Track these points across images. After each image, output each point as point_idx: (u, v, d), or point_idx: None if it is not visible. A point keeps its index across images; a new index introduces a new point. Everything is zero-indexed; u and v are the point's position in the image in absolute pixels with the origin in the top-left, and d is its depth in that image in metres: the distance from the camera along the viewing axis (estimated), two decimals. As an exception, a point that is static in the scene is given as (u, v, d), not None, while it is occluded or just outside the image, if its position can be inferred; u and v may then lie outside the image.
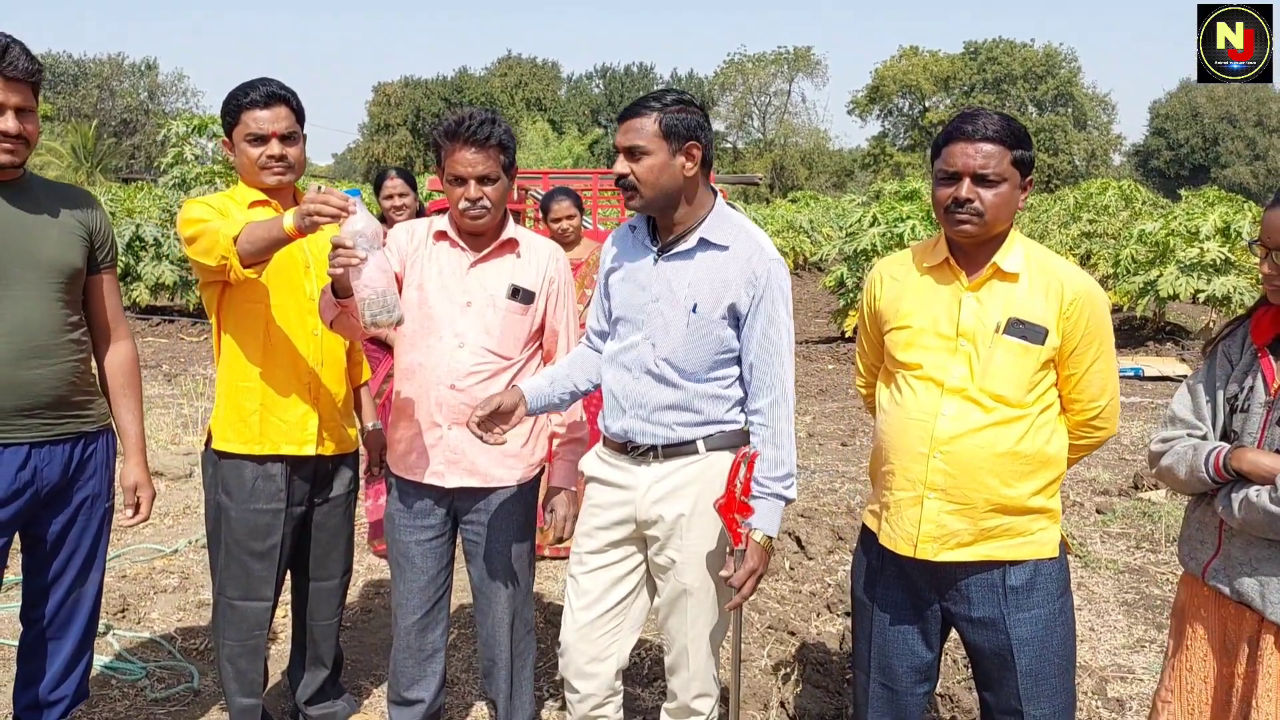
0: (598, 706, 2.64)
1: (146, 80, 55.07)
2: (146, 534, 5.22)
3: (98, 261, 2.63)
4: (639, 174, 2.37)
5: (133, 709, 3.39)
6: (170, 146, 15.88)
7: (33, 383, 2.43)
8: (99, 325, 2.67)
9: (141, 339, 12.65)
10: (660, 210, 2.44)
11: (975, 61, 54.80)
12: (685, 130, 2.37)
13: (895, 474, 2.34)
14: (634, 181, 2.38)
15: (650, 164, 2.36)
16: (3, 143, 2.36)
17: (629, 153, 2.38)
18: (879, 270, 2.50)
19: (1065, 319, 2.23)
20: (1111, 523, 5.58)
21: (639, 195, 2.40)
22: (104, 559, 2.71)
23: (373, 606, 4.32)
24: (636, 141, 2.36)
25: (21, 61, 2.34)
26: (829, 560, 4.96)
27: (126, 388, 2.73)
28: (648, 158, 2.36)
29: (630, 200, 2.42)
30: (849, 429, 8.17)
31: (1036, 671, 2.30)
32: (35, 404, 2.44)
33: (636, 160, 2.37)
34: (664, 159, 2.36)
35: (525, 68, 58.61)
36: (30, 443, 2.45)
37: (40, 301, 2.44)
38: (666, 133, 2.35)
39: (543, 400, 2.59)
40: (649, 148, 2.35)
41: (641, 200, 2.41)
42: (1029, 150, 2.24)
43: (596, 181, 11.38)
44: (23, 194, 2.47)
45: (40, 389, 2.44)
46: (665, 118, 2.35)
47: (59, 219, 2.52)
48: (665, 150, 2.36)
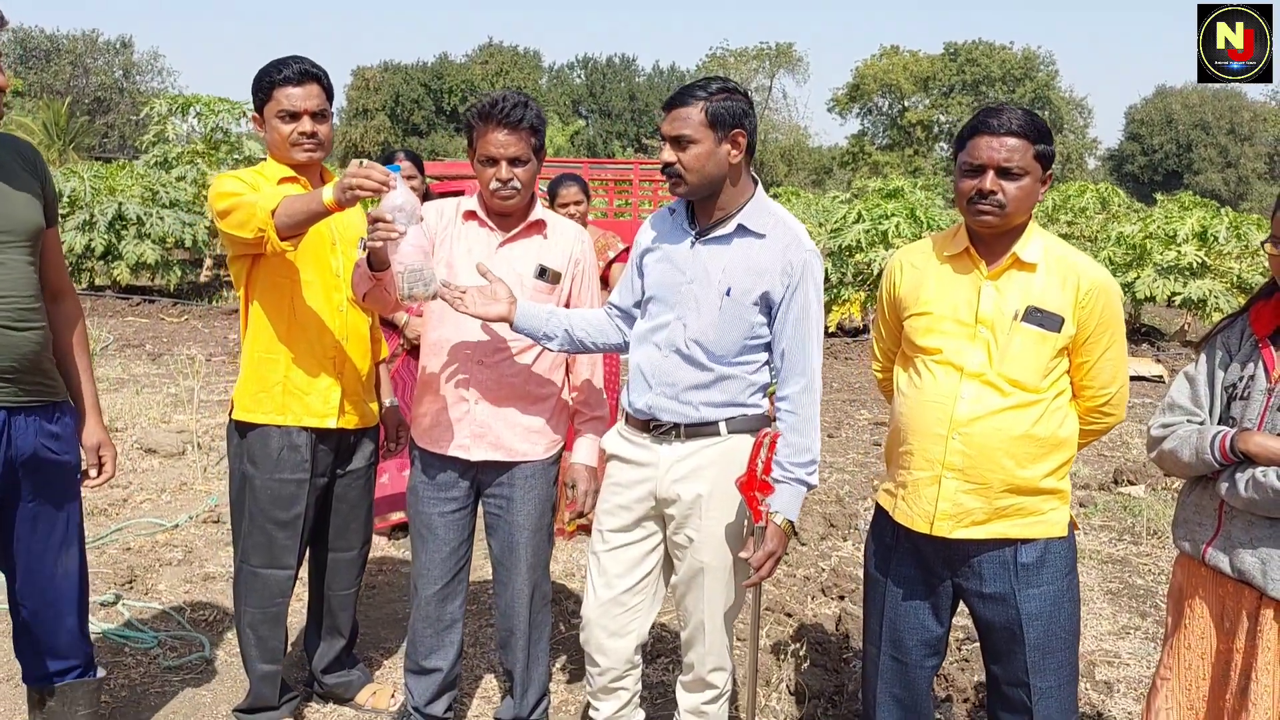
0: (617, 679, 2.72)
1: (121, 58, 54.29)
2: (145, 508, 5.24)
3: (48, 217, 2.53)
4: (685, 162, 2.42)
5: (147, 676, 3.43)
6: (152, 125, 15.78)
7: (18, 345, 2.38)
8: (50, 283, 2.57)
9: (122, 319, 12.56)
10: (704, 197, 2.50)
11: (955, 62, 55.14)
12: (731, 118, 2.42)
13: (914, 454, 2.42)
14: (680, 170, 2.43)
15: (696, 152, 2.41)
16: None
17: (675, 141, 2.42)
18: (899, 258, 2.59)
19: (1081, 308, 2.32)
20: (1093, 515, 5.72)
21: (684, 183, 2.45)
22: (83, 529, 2.68)
23: (376, 583, 4.37)
24: (683, 131, 2.40)
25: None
26: (821, 546, 5.06)
27: (80, 347, 2.67)
28: (694, 146, 2.41)
29: (675, 187, 2.46)
30: (834, 421, 8.28)
31: (1044, 645, 2.40)
32: (17, 367, 2.39)
33: (683, 149, 2.41)
34: (710, 147, 2.41)
35: (506, 56, 58.34)
36: (6, 408, 2.39)
37: (17, 264, 2.38)
38: (713, 121, 2.40)
39: (531, 322, 2.63)
40: (695, 136, 2.40)
41: (686, 187, 2.46)
42: (1051, 145, 2.33)
43: (586, 172, 11.42)
44: None
45: (24, 351, 2.39)
46: (711, 106, 2.40)
47: (20, 177, 2.44)
48: (711, 139, 2.41)
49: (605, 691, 2.74)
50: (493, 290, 2.58)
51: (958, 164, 2.40)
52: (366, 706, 3.24)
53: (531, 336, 2.66)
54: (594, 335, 2.72)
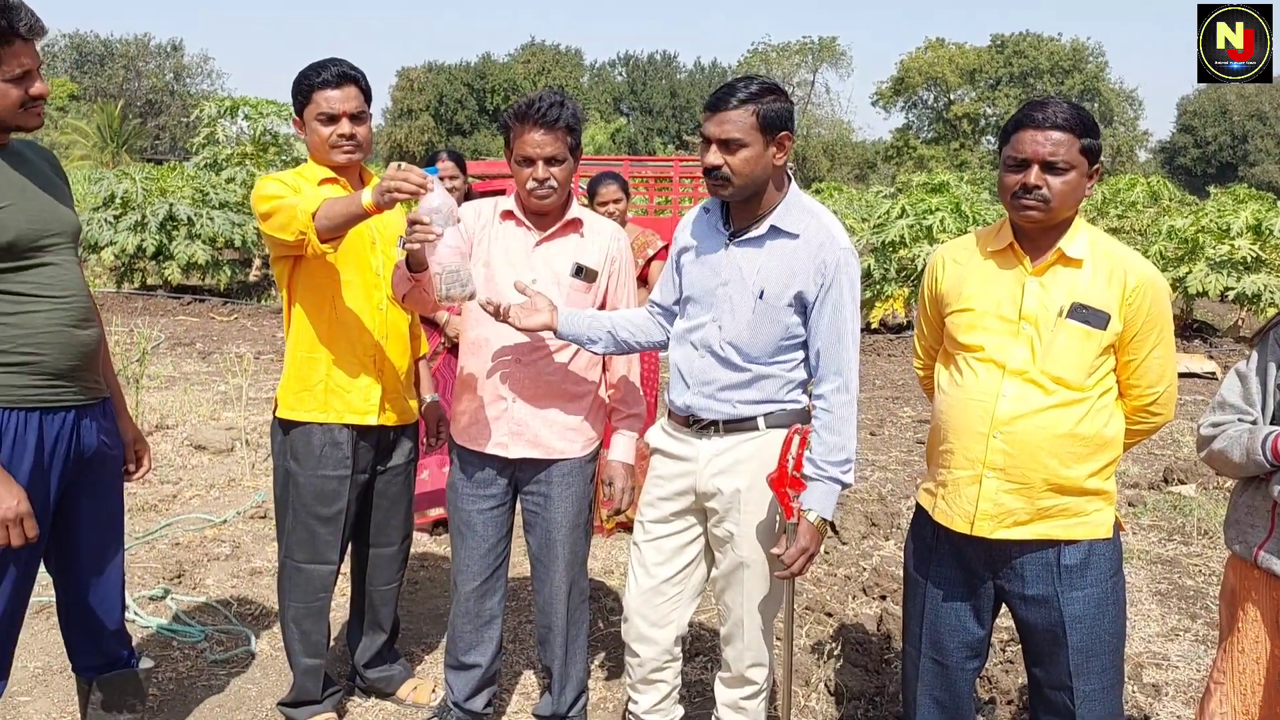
0: (656, 670, 2.73)
1: (172, 61, 55.36)
2: (194, 504, 5.33)
3: None
4: (734, 166, 2.40)
5: (194, 670, 3.49)
6: (202, 127, 16.04)
7: (84, 343, 2.43)
8: None
9: (173, 318, 12.79)
10: (746, 199, 2.48)
11: (1002, 55, 54.43)
12: (780, 121, 2.40)
13: (954, 453, 2.39)
14: (728, 174, 2.40)
15: (746, 156, 2.39)
16: (34, 107, 2.33)
17: (725, 145, 2.39)
18: (941, 254, 2.55)
19: (1128, 305, 2.28)
20: (1143, 515, 5.61)
21: (730, 186, 2.42)
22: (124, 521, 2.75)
23: (418, 578, 4.41)
24: (734, 134, 2.38)
25: (39, 21, 2.29)
26: (863, 545, 5.02)
27: (104, 344, 2.68)
28: (744, 150, 2.38)
29: (720, 190, 2.44)
30: (877, 419, 8.20)
31: (1087, 648, 2.36)
32: (83, 365, 2.44)
33: (732, 152, 2.39)
34: (759, 150, 2.39)
35: (548, 55, 58.59)
36: (75, 406, 2.45)
37: (71, 264, 2.44)
38: (764, 125, 2.38)
39: (575, 328, 2.64)
40: (747, 140, 2.38)
41: (732, 190, 2.43)
42: (1097, 139, 2.29)
43: (627, 169, 11.43)
44: (21, 158, 2.41)
45: (87, 350, 2.45)
46: (762, 109, 2.37)
47: (55, 181, 2.49)
48: (761, 142, 2.39)
49: (645, 683, 2.75)
50: (533, 303, 2.60)
51: (1002, 158, 2.36)
52: (408, 701, 3.28)
53: (576, 342, 2.68)
54: (638, 335, 2.72)
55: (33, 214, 2.34)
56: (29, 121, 2.34)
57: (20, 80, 2.27)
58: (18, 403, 2.33)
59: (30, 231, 2.33)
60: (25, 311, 2.33)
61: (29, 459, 2.35)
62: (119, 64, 53.20)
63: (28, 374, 2.34)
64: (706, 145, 2.43)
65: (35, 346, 2.34)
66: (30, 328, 2.33)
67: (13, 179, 2.34)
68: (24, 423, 2.34)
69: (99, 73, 52.74)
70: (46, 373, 2.37)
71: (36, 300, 2.34)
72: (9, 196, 2.31)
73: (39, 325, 2.34)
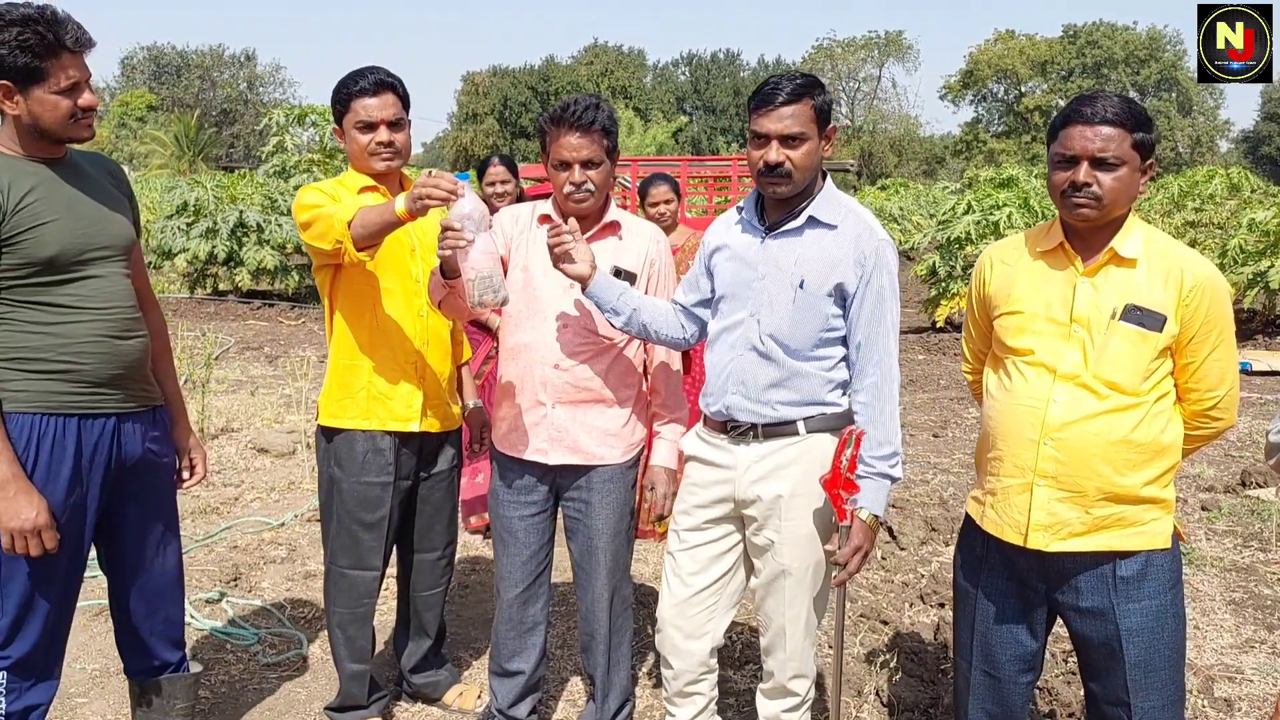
0: (692, 683, 2.68)
1: (246, 71, 56.74)
2: (254, 507, 5.43)
3: (135, 230, 2.63)
4: (797, 161, 2.38)
5: (246, 673, 3.54)
6: (271, 136, 16.40)
7: (126, 353, 2.47)
8: (138, 294, 2.63)
9: (243, 322, 13.10)
10: (794, 195, 2.45)
11: (1074, 45, 53.07)
12: (829, 114, 2.42)
13: (1003, 460, 2.31)
14: (790, 169, 2.38)
15: (808, 149, 2.38)
16: (84, 119, 2.37)
17: (787, 140, 2.37)
18: (989, 255, 2.47)
19: (1185, 306, 2.17)
20: (1217, 520, 5.40)
21: (791, 182, 2.41)
22: (179, 528, 2.78)
23: (469, 582, 4.43)
24: (796, 129, 2.36)
25: (85, 34, 2.34)
26: (921, 551, 4.91)
27: (165, 353, 2.76)
28: (806, 144, 2.38)
29: (779, 186, 2.41)
30: (940, 420, 8.04)
31: (1145, 663, 2.26)
32: (125, 375, 2.48)
33: (795, 147, 2.37)
34: (816, 144, 2.40)
35: (611, 56, 58.73)
36: (116, 414, 2.49)
37: (119, 278, 2.47)
38: (819, 117, 2.38)
39: (604, 293, 2.61)
40: (808, 134, 2.37)
41: (792, 186, 2.42)
42: (1150, 133, 2.19)
43: (685, 169, 11.37)
44: (75, 170, 2.46)
45: (130, 360, 2.49)
46: (818, 102, 2.38)
47: (111, 193, 2.53)
48: (817, 136, 2.39)
49: (681, 695, 2.71)
50: (578, 250, 2.56)
51: (1050, 155, 2.28)
52: (453, 707, 3.28)
53: (600, 306, 2.64)
54: (658, 324, 2.69)
55: (79, 229, 2.39)
56: (80, 133, 2.39)
57: (69, 92, 2.32)
58: (57, 409, 2.38)
59: (74, 246, 2.37)
60: (67, 322, 2.38)
61: (68, 465, 2.40)
62: (195, 75, 54.71)
63: (67, 382, 2.39)
64: (763, 142, 2.39)
65: (75, 356, 2.39)
66: (70, 338, 2.38)
67: (63, 194, 2.39)
68: (63, 429, 2.39)
69: (176, 83, 54.29)
70: (86, 381, 2.41)
71: (79, 312, 2.39)
72: (56, 211, 2.35)
73: (80, 336, 2.39)
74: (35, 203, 2.32)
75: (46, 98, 2.29)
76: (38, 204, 2.32)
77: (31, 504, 2.29)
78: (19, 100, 2.29)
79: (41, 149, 2.38)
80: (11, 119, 2.33)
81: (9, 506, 2.27)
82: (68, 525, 2.41)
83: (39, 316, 2.36)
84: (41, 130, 2.33)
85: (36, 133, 2.34)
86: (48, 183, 2.37)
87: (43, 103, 2.29)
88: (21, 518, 2.27)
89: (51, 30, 2.25)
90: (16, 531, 2.28)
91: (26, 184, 2.32)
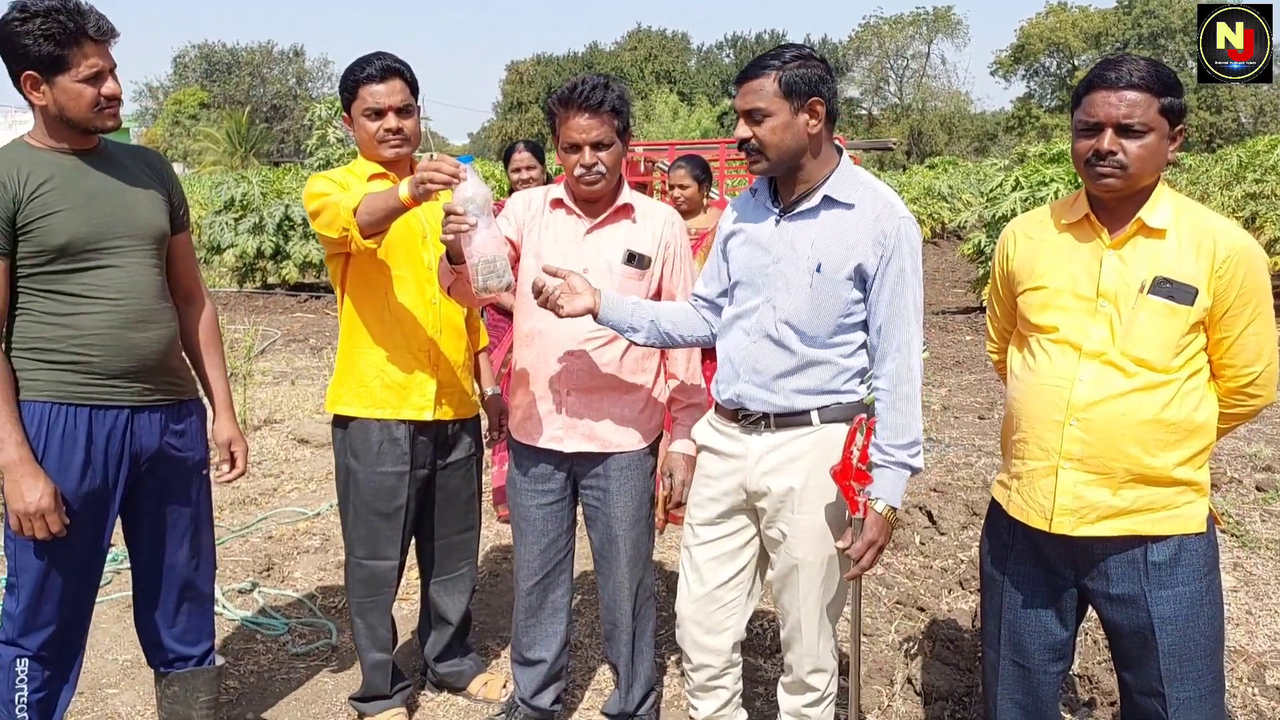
0: (714, 677, 2.62)
1: (294, 67, 57.49)
2: (292, 497, 5.47)
3: (177, 223, 2.64)
4: (762, 137, 2.31)
5: (275, 662, 3.56)
6: (315, 129, 16.54)
7: (139, 345, 2.47)
8: (181, 286, 2.68)
9: (290, 315, 13.25)
10: (785, 171, 2.37)
11: (1129, 15, 51.75)
12: (807, 86, 2.29)
13: (1028, 442, 2.22)
14: (757, 145, 2.32)
15: (773, 125, 2.29)
16: (108, 107, 2.38)
17: (749, 116, 2.31)
18: (1012, 228, 2.38)
19: (1218, 278, 2.06)
20: (1274, 500, 5.20)
21: (764, 159, 2.34)
22: (211, 522, 2.78)
23: (499, 571, 4.42)
24: (756, 104, 2.29)
25: (108, 23, 2.37)
26: (962, 536, 4.79)
27: (211, 346, 2.76)
28: (770, 119, 2.29)
29: (755, 164, 2.36)
30: (986, 401, 7.87)
31: (1180, 651, 2.16)
32: (139, 367, 2.48)
33: (758, 123, 2.30)
34: (786, 118, 2.30)
35: (655, 40, 58.53)
36: (131, 406, 2.49)
37: (140, 268, 2.48)
38: (787, 91, 2.28)
39: (615, 314, 2.53)
40: (770, 109, 2.29)
41: (766, 163, 2.34)
42: (1179, 97, 2.07)
43: (723, 151, 11.27)
44: (106, 161, 2.48)
45: (145, 352, 2.48)
46: (785, 75, 2.28)
47: (145, 184, 2.54)
48: (787, 110, 2.29)
49: (703, 690, 2.65)
50: (570, 285, 2.49)
51: (1073, 122, 2.18)
52: (478, 696, 3.26)
53: (616, 328, 2.57)
54: (680, 328, 2.61)
55: (95, 219, 2.40)
56: (104, 122, 2.41)
57: (93, 80, 2.35)
58: (68, 399, 2.40)
59: (87, 235, 2.38)
60: (77, 313, 2.40)
61: (79, 454, 2.42)
62: (245, 71, 55.56)
63: (78, 372, 2.41)
64: (738, 120, 2.35)
65: (84, 347, 2.40)
66: (80, 329, 2.40)
67: (84, 184, 2.41)
68: (74, 419, 2.41)
69: (226, 80, 55.17)
70: (96, 373, 2.43)
71: (90, 302, 2.40)
72: (71, 201, 2.38)
73: (89, 327, 2.40)
74: (50, 193, 2.35)
75: (71, 86, 2.33)
76: (52, 194, 2.35)
77: (37, 487, 2.31)
78: (45, 90, 2.33)
79: (70, 139, 2.42)
80: (39, 110, 2.38)
81: (15, 488, 2.31)
82: (81, 515, 2.43)
83: (53, 306, 2.39)
84: (67, 119, 2.37)
85: (63, 122, 2.38)
86: (68, 173, 2.40)
87: (67, 91, 2.33)
88: (27, 500, 2.30)
89: (74, 19, 2.29)
90: (22, 514, 2.31)
91: (44, 174, 2.36)
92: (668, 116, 42.72)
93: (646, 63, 56.13)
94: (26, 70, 2.31)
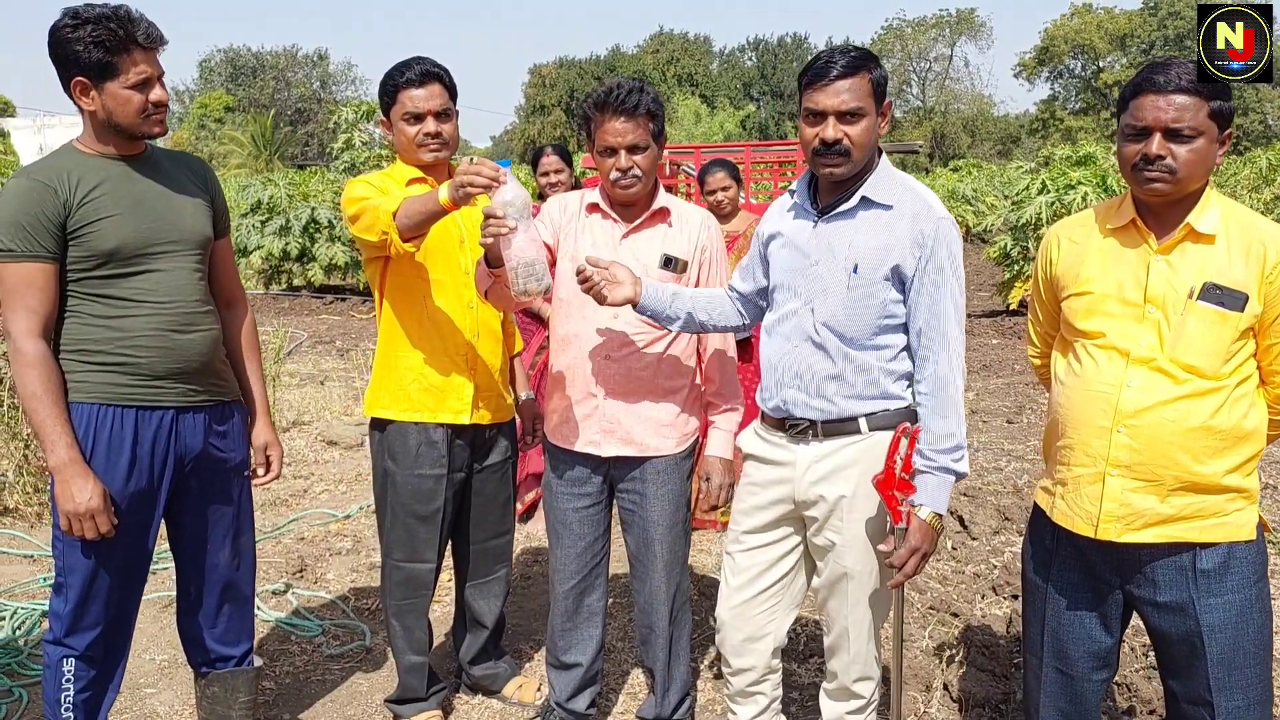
0: (754, 683, 2.61)
1: (318, 70, 57.88)
2: (322, 499, 5.50)
3: (219, 228, 2.68)
4: (855, 138, 2.27)
5: (310, 664, 3.58)
6: (340, 133, 16.65)
7: (184, 347, 2.50)
8: (222, 290, 2.73)
9: (316, 316, 13.34)
10: (850, 174, 2.35)
11: (1155, 17, 51.30)
12: (885, 88, 2.30)
13: (1074, 449, 2.20)
14: (849, 146, 2.27)
15: (866, 125, 2.28)
16: (155, 114, 2.42)
17: (845, 116, 2.25)
18: (1056, 232, 2.35)
19: (1268, 283, 2.04)
20: (1312, 508, 5.14)
21: (849, 161, 2.29)
22: (252, 523, 2.81)
23: (531, 574, 4.42)
24: (854, 104, 2.25)
25: (157, 31, 2.40)
26: (994, 541, 4.76)
27: (250, 350, 2.80)
28: (865, 120, 2.27)
29: (838, 166, 2.30)
30: (1015, 405, 7.82)
31: (1229, 660, 2.14)
32: (184, 369, 2.51)
33: (853, 123, 2.26)
34: (874, 120, 2.29)
35: (677, 43, 58.52)
36: (176, 407, 2.52)
37: (185, 272, 2.52)
38: (876, 92, 2.28)
39: (655, 303, 2.55)
40: (867, 109, 2.26)
41: (850, 165, 2.30)
42: (1228, 101, 2.05)
43: (749, 154, 11.25)
44: (152, 167, 2.52)
45: (190, 354, 2.52)
46: (874, 75, 2.27)
47: (190, 190, 2.58)
48: (874, 111, 2.29)
49: (742, 695, 2.64)
50: (613, 274, 2.50)
51: (1120, 126, 2.16)
52: (513, 699, 3.26)
53: (655, 317, 2.59)
54: (715, 317, 2.63)
55: (144, 224, 2.44)
56: (151, 128, 2.44)
57: (141, 87, 2.38)
58: (115, 400, 2.44)
59: (136, 240, 2.42)
60: (125, 316, 2.43)
61: (126, 455, 2.45)
62: (269, 75, 55.97)
63: (124, 374, 2.44)
64: (818, 119, 2.28)
65: (132, 349, 2.43)
66: (128, 331, 2.43)
67: (132, 189, 2.45)
68: (120, 420, 2.45)
69: (251, 84, 55.61)
70: (143, 374, 2.46)
71: (138, 305, 2.44)
72: (120, 206, 2.41)
73: (137, 329, 2.44)
74: (100, 198, 2.39)
75: (120, 92, 2.36)
76: (102, 199, 2.39)
77: (87, 488, 2.34)
78: (94, 96, 2.37)
79: (118, 145, 2.46)
80: (89, 115, 2.42)
81: (65, 489, 2.33)
82: (128, 515, 2.45)
83: (101, 310, 2.42)
84: (115, 125, 2.40)
85: (111, 128, 2.41)
86: (117, 178, 2.44)
87: (116, 97, 2.36)
88: (77, 500, 2.33)
89: (123, 27, 2.33)
90: (73, 514, 2.34)
91: (94, 180, 2.40)
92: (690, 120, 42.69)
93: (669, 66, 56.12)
94: (77, 76, 2.35)
